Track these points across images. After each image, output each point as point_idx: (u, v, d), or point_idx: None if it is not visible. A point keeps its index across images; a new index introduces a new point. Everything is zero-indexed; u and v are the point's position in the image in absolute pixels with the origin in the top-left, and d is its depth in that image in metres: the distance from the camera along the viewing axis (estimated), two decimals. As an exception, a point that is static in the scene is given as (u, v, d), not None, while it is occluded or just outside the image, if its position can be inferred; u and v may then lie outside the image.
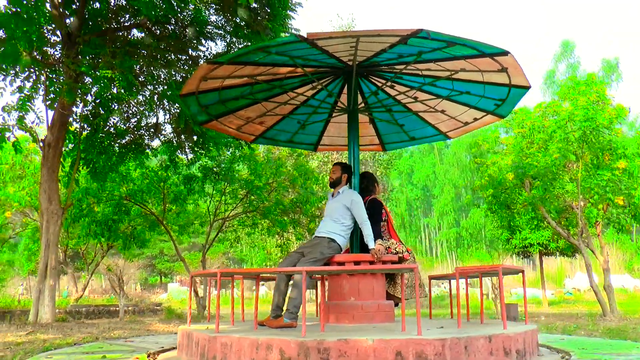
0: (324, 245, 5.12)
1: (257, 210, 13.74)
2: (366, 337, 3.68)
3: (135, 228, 13.74)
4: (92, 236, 12.70)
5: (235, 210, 14.35)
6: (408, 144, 7.26)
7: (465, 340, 3.80)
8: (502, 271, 4.56)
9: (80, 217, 11.93)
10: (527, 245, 17.12)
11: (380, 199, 5.68)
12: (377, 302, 5.10)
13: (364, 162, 23.42)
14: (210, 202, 14.89)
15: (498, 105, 5.84)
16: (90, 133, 10.79)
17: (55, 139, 9.85)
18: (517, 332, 4.13)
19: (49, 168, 9.75)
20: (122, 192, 12.62)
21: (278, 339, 3.81)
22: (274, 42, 4.35)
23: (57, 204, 9.74)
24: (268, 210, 13.48)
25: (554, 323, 9.21)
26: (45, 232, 9.64)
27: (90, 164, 10.72)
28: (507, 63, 4.77)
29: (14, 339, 6.41)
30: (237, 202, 14.10)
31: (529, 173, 10.90)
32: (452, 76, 5.36)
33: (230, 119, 6.35)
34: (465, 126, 6.54)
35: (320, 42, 4.47)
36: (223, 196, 14.20)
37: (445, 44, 4.45)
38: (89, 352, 4.97)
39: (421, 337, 3.69)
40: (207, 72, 4.92)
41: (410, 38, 4.37)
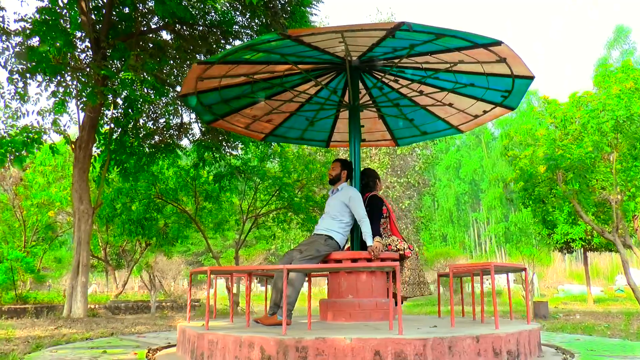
0: (320, 242, 5.09)
1: (288, 207, 13.82)
2: (344, 335, 3.64)
3: (168, 226, 14.08)
4: (128, 234, 13.12)
5: (268, 207, 14.50)
6: (420, 138, 7.12)
7: (450, 340, 3.69)
8: (494, 269, 4.40)
9: (114, 216, 12.33)
10: (568, 241, 16.49)
11: (381, 196, 5.60)
12: (375, 300, 5.03)
13: (402, 156, 23.18)
14: (243, 199, 15.11)
15: (505, 97, 5.66)
16: (120, 134, 11.13)
17: (85, 141, 10.22)
18: (509, 332, 3.98)
19: (79, 169, 10.12)
20: (155, 191, 12.95)
21: (259, 337, 3.82)
22: (259, 41, 4.33)
23: (87, 203, 10.10)
24: (298, 207, 13.53)
25: (585, 322, 8.83)
26: (77, 231, 10.03)
27: (120, 165, 11.06)
28: (503, 53, 4.60)
29: (38, 333, 6.70)
30: (268, 199, 14.24)
31: (562, 165, 10.48)
32: (453, 68, 5.23)
33: (236, 118, 6.41)
34: (475, 119, 6.37)
35: (307, 39, 4.44)
36: (256, 193, 14.39)
37: (434, 36, 4.34)
38: (94, 347, 5.13)
39: (400, 337, 3.61)
40: (201, 73, 4.98)
41: (398, 31, 4.29)
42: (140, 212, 12.65)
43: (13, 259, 12.26)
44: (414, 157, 23.64)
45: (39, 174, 14.76)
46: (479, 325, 4.55)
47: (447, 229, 60.28)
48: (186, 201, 14.28)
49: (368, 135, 7.15)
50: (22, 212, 15.20)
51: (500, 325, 4.44)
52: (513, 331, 4.03)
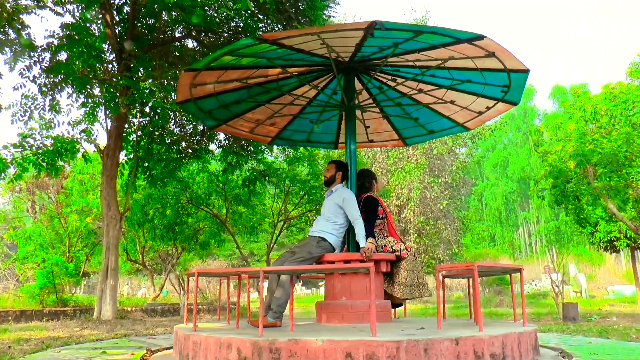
0: (312, 244, 5.10)
1: (317, 210, 13.87)
2: (316, 337, 3.63)
3: (198, 230, 14.37)
4: (160, 238, 13.47)
5: (298, 210, 14.60)
6: (427, 137, 7.00)
7: (426, 342, 3.62)
8: (477, 269, 4.27)
9: (144, 221, 12.70)
10: (612, 239, 15.77)
11: (376, 196, 5.53)
12: (369, 301, 4.98)
13: (439, 156, 22.81)
14: (274, 202, 15.26)
15: (505, 92, 5.51)
16: (147, 142, 11.47)
17: (112, 149, 10.58)
18: (492, 335, 3.86)
19: (107, 176, 10.49)
20: (186, 196, 13.25)
21: (237, 339, 3.86)
22: (238, 46, 4.37)
23: (115, 209, 10.45)
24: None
25: (618, 325, 8.44)
26: (106, 236, 10.39)
27: (147, 171, 11.38)
28: (490, 47, 4.48)
29: (59, 334, 6.98)
30: (297, 201, 14.33)
31: (592, 160, 10.07)
32: (446, 65, 5.13)
33: (240, 122, 6.49)
34: (480, 116, 6.22)
35: (287, 42, 4.45)
36: (287, 196, 14.53)
37: (413, 33, 4.29)
38: (99, 347, 5.31)
39: (373, 339, 3.57)
40: (191, 80, 5.08)
41: (377, 30, 4.26)
42: (171, 217, 12.97)
43: (53, 263, 12.81)
44: (452, 157, 23.25)
45: (77, 181, 15.37)
46: (468, 327, 4.43)
47: (495, 229, 58.78)
48: (217, 205, 14.55)
49: (375, 136, 7.11)
50: (65, 219, 15.87)
51: (489, 328, 4.31)
52: (497, 333, 3.91)
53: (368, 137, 7.10)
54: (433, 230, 22.31)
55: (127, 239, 16.26)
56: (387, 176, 23.03)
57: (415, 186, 21.45)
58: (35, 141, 10.62)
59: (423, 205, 22.30)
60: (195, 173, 13.80)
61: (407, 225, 22.98)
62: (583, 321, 9.40)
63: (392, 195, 21.68)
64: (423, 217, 22.32)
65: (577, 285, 25.36)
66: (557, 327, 8.05)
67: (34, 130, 10.83)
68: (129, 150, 11.32)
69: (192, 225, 14.14)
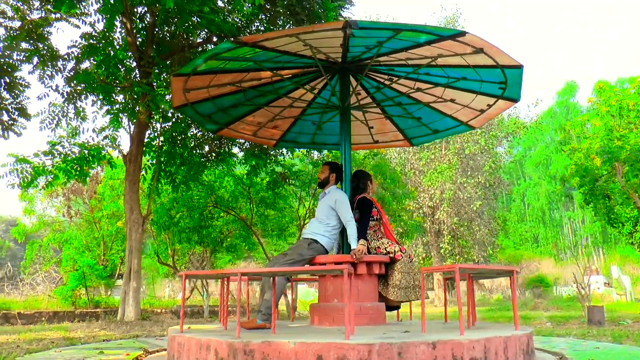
0: (303, 246, 5.09)
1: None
2: (289, 340, 3.62)
3: (223, 233, 14.55)
4: (186, 242, 13.72)
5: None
6: (432, 137, 6.88)
7: (400, 346, 3.55)
8: (459, 271, 4.15)
9: (170, 225, 12.96)
10: (651, 239, 15.07)
11: (371, 198, 5.46)
12: (360, 304, 4.94)
13: (471, 156, 22.38)
14: (300, 205, 15.30)
15: (503, 88, 5.36)
16: (169, 146, 11.71)
17: (134, 155, 10.86)
18: (473, 339, 3.75)
19: (130, 181, 10.77)
20: (209, 200, 13.44)
21: (215, 340, 3.89)
22: (218, 50, 4.41)
23: (137, 213, 10.72)
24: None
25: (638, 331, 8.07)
26: (129, 239, 10.67)
27: (170, 176, 11.62)
28: (477, 43, 4.38)
29: (76, 334, 7.21)
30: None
31: (620, 157, 9.67)
32: (436, 62, 5.04)
33: (241, 126, 6.55)
34: (482, 113, 6.07)
35: (267, 44, 4.47)
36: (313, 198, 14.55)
37: (392, 32, 4.23)
38: (101, 348, 5.45)
39: (344, 341, 3.53)
40: (183, 85, 5.15)
41: (356, 30, 4.23)
42: (196, 220, 13.18)
43: (85, 266, 13.24)
44: (486, 156, 22.76)
45: (108, 187, 15.85)
46: (450, 331, 4.32)
47: (538, 230, 57.12)
48: (243, 208, 14.69)
49: (380, 137, 7.03)
50: (98, 223, 16.39)
51: (476, 331, 4.20)
52: (479, 337, 3.79)
53: (373, 138, 7.03)
54: (467, 232, 21.91)
55: (158, 241, 16.64)
56: (419, 177, 22.78)
57: (448, 187, 21.11)
58: (63, 149, 11.04)
59: (457, 206, 21.93)
60: (220, 176, 13.98)
61: (441, 227, 22.66)
62: (611, 325, 9.02)
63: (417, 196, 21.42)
64: (457, 218, 21.95)
65: (621, 287, 24.40)
66: (578, 332, 7.75)
67: (62, 138, 11.24)
68: (152, 155, 11.59)
69: (218, 229, 14.33)
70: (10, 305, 12.56)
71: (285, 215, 16.00)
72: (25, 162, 10.85)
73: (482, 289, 36.70)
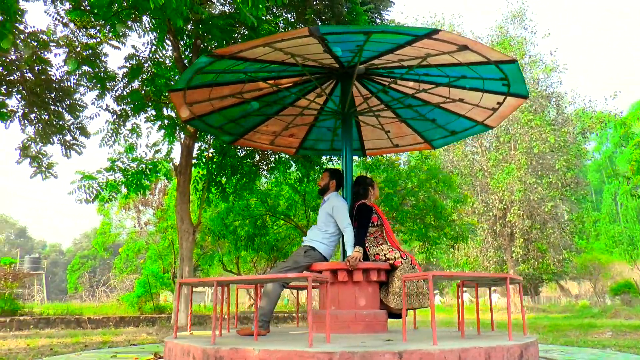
0: (299, 254, 5.11)
1: (394, 218, 13.68)
2: (254, 347, 3.66)
3: (279, 240, 14.81)
4: (244, 249, 14.13)
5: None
6: (452, 138, 6.65)
7: (362, 355, 3.48)
8: (432, 279, 3.97)
9: (225, 233, 13.40)
10: None
11: (371, 204, 5.37)
12: (355, 311, 4.87)
13: (542, 156, 21.24)
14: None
15: (506, 84, 5.12)
16: (219, 158, 12.11)
17: (184, 166, 11.34)
18: (445, 349, 3.59)
19: (180, 192, 11.26)
20: (265, 207, 13.75)
21: (193, 346, 4.01)
22: (198, 64, 4.54)
23: (188, 223, 11.17)
24: (403, 217, 13.34)
25: None
26: (180, 248, 11.14)
27: (220, 186, 12.01)
28: (457, 40, 4.24)
29: (117, 338, 7.65)
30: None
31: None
32: (428, 62, 4.89)
33: (256, 136, 6.68)
34: (495, 112, 5.82)
35: (244, 54, 4.55)
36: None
37: (363, 35, 4.21)
38: (120, 352, 5.75)
39: (306, 350, 3.51)
40: (182, 99, 5.36)
41: (329, 35, 4.25)
42: (250, 228, 13.54)
43: (149, 274, 13.98)
44: (559, 155, 21.50)
45: (173, 198, 16.61)
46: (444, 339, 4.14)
47: (634, 231, 52.88)
48: (300, 216, 14.89)
49: (399, 140, 6.90)
50: (166, 232, 17.26)
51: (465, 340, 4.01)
52: (453, 347, 3.63)
53: (392, 142, 6.92)
54: (541, 235, 20.79)
55: (224, 250, 17.24)
56: (488, 179, 21.97)
57: (517, 188, 20.17)
58: (123, 164, 11.77)
59: (530, 207, 20.88)
60: (273, 185, 14.27)
61: (513, 230, 21.68)
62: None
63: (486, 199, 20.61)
64: (529, 220, 20.90)
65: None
66: (631, 343, 7.14)
67: (121, 155, 11.98)
68: (202, 166, 12.04)
69: (274, 236, 14.63)
70: (82, 311, 13.52)
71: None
72: (91, 179, 11.68)
73: (567, 294, 34.62)
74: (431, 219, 12.96)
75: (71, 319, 12.27)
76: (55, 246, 59.18)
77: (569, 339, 7.73)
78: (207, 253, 20.01)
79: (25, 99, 10.84)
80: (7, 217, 61.32)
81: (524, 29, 23.39)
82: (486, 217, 21.90)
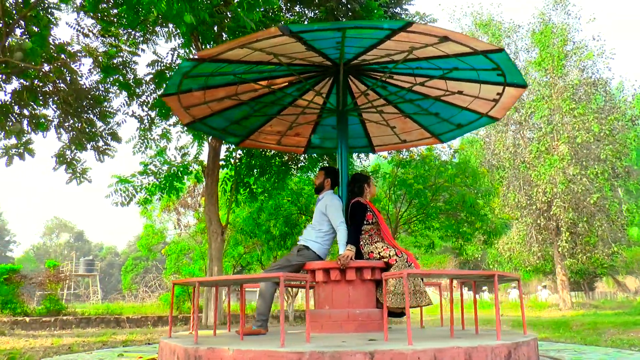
0: (292, 253, 5.13)
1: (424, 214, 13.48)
2: (229, 347, 3.70)
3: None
4: (277, 248, 14.24)
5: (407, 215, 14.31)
6: (459, 131, 6.48)
7: (332, 355, 3.45)
8: (407, 277, 3.87)
9: (256, 233, 13.54)
10: None
11: (365, 201, 5.30)
12: (347, 310, 4.84)
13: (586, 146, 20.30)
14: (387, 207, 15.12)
15: (500, 74, 4.95)
16: (247, 159, 12.27)
17: (211, 169, 11.55)
18: (419, 349, 3.51)
19: (208, 194, 11.48)
20: (294, 207, 13.82)
21: (178, 346, 4.10)
22: (183, 69, 4.62)
23: (216, 224, 11.38)
24: (434, 213, 13.12)
25: None
26: (209, 249, 11.36)
27: (247, 187, 12.16)
28: (434, 32, 4.15)
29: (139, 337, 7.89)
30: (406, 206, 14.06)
31: None
32: (415, 55, 4.80)
33: (262, 136, 6.74)
34: (497, 103, 5.64)
35: (223, 56, 4.58)
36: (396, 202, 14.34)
37: (337, 32, 4.17)
38: (132, 351, 5.94)
39: (276, 349, 3.52)
40: (177, 103, 5.46)
41: (303, 34, 4.25)
42: (282, 227, 13.63)
43: (187, 275, 14.34)
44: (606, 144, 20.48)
45: (205, 199, 17.00)
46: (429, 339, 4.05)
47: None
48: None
49: (407, 136, 6.80)
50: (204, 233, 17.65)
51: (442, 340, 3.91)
52: (427, 348, 3.54)
53: (399, 138, 6.82)
54: (588, 228, 19.92)
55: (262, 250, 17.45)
56: (530, 170, 21.26)
57: (560, 180, 19.41)
58: (155, 168, 12.13)
59: (575, 200, 20.03)
60: (305, 183, 14.31)
61: (559, 223, 20.88)
62: None
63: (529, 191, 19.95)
64: (575, 213, 20.06)
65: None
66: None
67: (152, 159, 12.35)
68: (230, 167, 12.23)
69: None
70: (122, 311, 14.03)
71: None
72: (127, 182, 12.09)
73: (625, 290, 33.03)
74: (463, 215, 12.66)
75: (110, 319, 12.76)
76: (111, 249, 61.68)
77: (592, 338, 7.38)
78: (248, 253, 20.34)
79: (60, 108, 11.37)
80: (66, 222, 64.62)
81: (567, 15, 22.46)
82: (529, 211, 21.19)
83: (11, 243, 59.59)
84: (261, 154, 12.44)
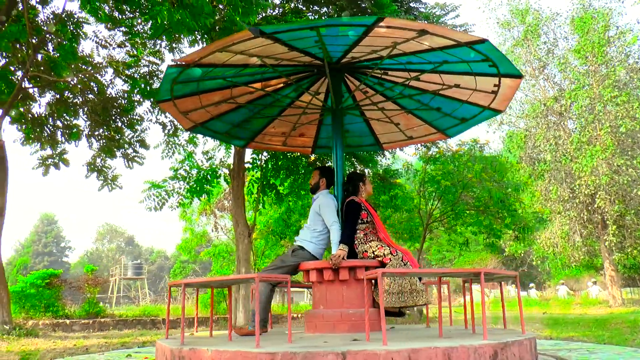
0: (287, 253, 5.14)
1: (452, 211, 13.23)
2: (208, 347, 3.75)
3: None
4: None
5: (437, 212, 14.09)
6: (464, 126, 6.31)
7: (304, 355, 3.45)
8: (381, 276, 3.80)
9: (286, 234, 13.64)
10: None
11: (360, 200, 5.24)
12: (340, 310, 4.81)
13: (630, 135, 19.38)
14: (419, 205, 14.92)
15: (492, 65, 4.80)
16: (272, 161, 12.39)
17: (237, 171, 11.73)
18: (393, 350, 3.44)
19: (234, 196, 11.66)
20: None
21: (167, 347, 4.20)
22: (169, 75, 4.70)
23: (243, 225, 11.54)
24: (461, 210, 12.87)
25: None
26: (237, 250, 11.54)
27: (274, 189, 12.27)
28: (411, 26, 4.09)
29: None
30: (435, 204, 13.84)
31: None
32: (401, 50, 4.73)
33: (266, 138, 6.78)
34: (497, 95, 5.47)
35: (206, 60, 4.64)
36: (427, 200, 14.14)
37: (310, 30, 4.15)
38: (145, 352, 6.11)
39: (250, 350, 3.55)
40: (175, 109, 5.57)
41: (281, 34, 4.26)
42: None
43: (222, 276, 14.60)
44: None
45: (244, 202, 17.25)
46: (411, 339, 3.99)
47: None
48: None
49: (412, 132, 6.69)
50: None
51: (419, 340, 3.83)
52: (401, 348, 3.48)
53: (405, 135, 6.72)
54: (636, 220, 19.01)
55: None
56: (571, 163, 20.49)
57: (603, 171, 18.60)
58: (186, 172, 12.43)
59: (621, 191, 19.16)
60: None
61: (604, 216, 20.02)
62: None
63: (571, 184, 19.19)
64: (622, 205, 19.17)
65: None
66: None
67: (182, 163, 12.65)
68: (257, 169, 12.38)
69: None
70: (158, 312, 14.42)
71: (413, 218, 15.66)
72: (159, 187, 12.44)
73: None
74: (493, 210, 12.34)
75: (147, 320, 13.14)
76: (160, 252, 63.49)
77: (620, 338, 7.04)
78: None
79: (90, 118, 11.82)
80: (116, 227, 67.15)
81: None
82: (572, 204, 20.41)
83: (67, 249, 62.31)
84: (287, 156, 12.53)
